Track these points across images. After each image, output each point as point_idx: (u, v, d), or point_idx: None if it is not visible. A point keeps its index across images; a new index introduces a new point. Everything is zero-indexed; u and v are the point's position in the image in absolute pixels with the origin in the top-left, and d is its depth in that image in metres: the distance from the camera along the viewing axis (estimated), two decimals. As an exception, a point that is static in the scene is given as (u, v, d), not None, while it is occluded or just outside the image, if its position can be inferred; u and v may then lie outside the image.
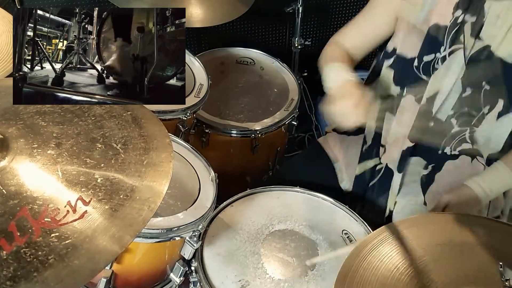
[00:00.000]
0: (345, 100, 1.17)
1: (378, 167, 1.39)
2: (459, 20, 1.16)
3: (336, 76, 1.25)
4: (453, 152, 1.29)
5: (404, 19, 1.26)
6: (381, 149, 1.38)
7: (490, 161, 1.27)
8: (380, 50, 1.40)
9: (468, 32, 1.15)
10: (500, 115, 1.19)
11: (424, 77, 1.24)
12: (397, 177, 1.33)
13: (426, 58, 1.22)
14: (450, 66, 1.19)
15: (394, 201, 1.36)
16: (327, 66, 1.30)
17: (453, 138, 1.27)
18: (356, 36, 1.38)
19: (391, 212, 1.37)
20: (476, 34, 1.14)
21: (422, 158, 1.32)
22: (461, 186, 1.24)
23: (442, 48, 1.19)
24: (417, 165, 1.33)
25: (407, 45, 1.26)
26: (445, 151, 1.29)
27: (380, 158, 1.39)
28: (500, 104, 1.18)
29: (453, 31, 1.17)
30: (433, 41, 1.20)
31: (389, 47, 1.33)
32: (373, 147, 1.40)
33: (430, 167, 1.32)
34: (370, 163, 1.41)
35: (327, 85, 1.26)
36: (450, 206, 1.20)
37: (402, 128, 1.30)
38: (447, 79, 1.20)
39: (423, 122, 1.26)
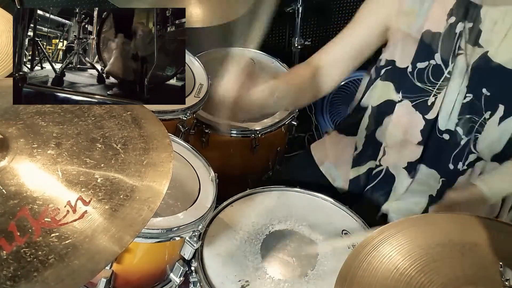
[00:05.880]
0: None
1: (376, 170, 1.39)
2: (454, 27, 1.15)
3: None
4: (463, 167, 1.28)
5: (397, 28, 1.25)
6: (380, 152, 1.38)
7: (492, 163, 1.26)
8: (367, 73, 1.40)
9: (466, 38, 1.15)
10: (501, 120, 1.18)
11: (418, 83, 1.24)
12: (406, 182, 1.33)
13: (420, 65, 1.22)
14: (454, 73, 1.19)
15: (392, 204, 1.36)
16: None
17: (464, 150, 1.25)
18: (338, 52, 1.33)
19: (385, 214, 1.37)
20: (475, 41, 1.14)
21: (436, 171, 1.31)
22: (468, 184, 1.23)
23: (437, 55, 1.19)
24: (431, 178, 1.32)
25: (402, 54, 1.26)
26: (458, 167, 1.27)
27: (379, 161, 1.38)
28: (500, 109, 1.17)
29: (449, 38, 1.16)
30: (426, 48, 1.20)
31: (382, 60, 1.32)
32: (365, 152, 1.40)
33: (441, 181, 1.31)
34: (362, 169, 1.41)
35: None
36: (456, 205, 1.19)
37: (400, 133, 1.30)
38: (452, 87, 1.19)
39: (428, 131, 1.26)
